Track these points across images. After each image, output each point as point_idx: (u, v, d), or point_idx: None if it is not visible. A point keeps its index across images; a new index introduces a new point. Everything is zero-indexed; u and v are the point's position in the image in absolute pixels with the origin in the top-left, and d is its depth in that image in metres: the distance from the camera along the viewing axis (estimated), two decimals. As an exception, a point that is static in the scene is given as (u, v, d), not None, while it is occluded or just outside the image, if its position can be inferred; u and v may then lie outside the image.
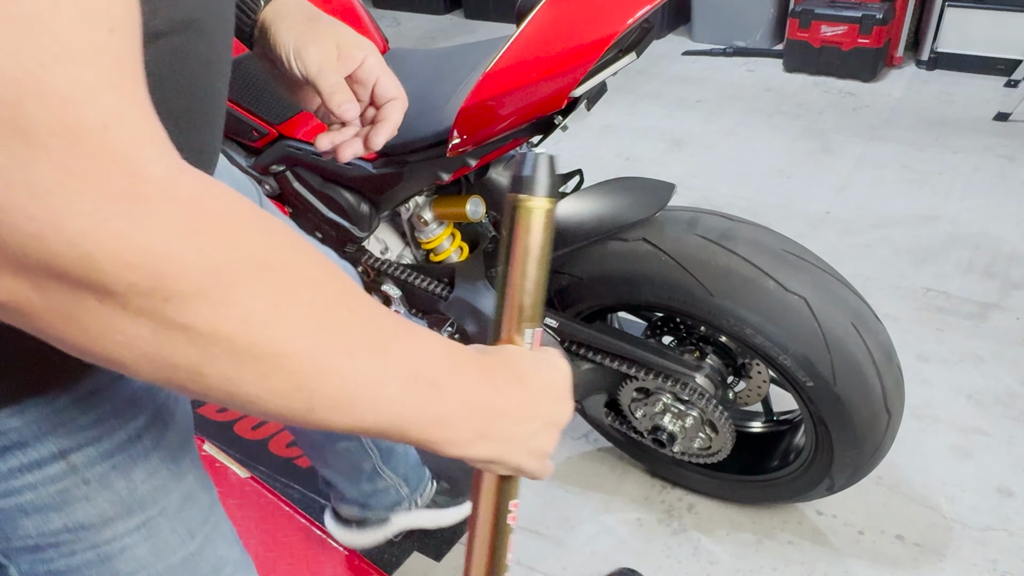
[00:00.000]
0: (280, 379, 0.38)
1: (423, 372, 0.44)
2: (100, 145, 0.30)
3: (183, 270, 0.33)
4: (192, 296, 0.33)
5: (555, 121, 1.23)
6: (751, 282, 1.23)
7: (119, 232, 0.31)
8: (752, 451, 1.57)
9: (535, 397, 0.53)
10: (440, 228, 1.49)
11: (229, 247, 0.35)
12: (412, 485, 1.46)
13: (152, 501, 0.58)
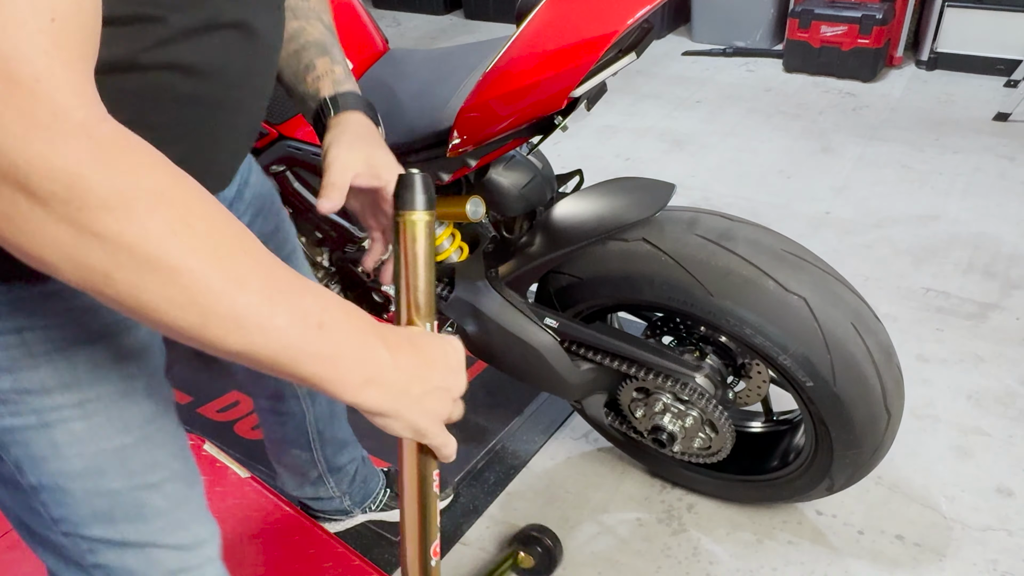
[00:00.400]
0: (176, 291, 0.47)
1: (311, 314, 0.52)
2: (32, 91, 0.42)
3: (91, 187, 0.43)
4: (99, 208, 0.44)
5: (555, 121, 1.23)
6: (751, 282, 1.23)
7: (42, 152, 0.42)
8: (752, 451, 1.57)
9: (428, 362, 0.60)
10: (440, 228, 1.49)
11: (132, 177, 0.45)
12: (356, 498, 1.54)
13: (89, 385, 0.68)
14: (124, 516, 0.76)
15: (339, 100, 0.83)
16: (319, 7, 0.90)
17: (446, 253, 1.51)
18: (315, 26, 0.87)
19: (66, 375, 0.67)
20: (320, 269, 1.70)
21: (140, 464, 0.75)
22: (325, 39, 0.87)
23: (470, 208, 1.39)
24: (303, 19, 0.87)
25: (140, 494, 0.76)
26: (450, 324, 1.51)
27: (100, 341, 0.70)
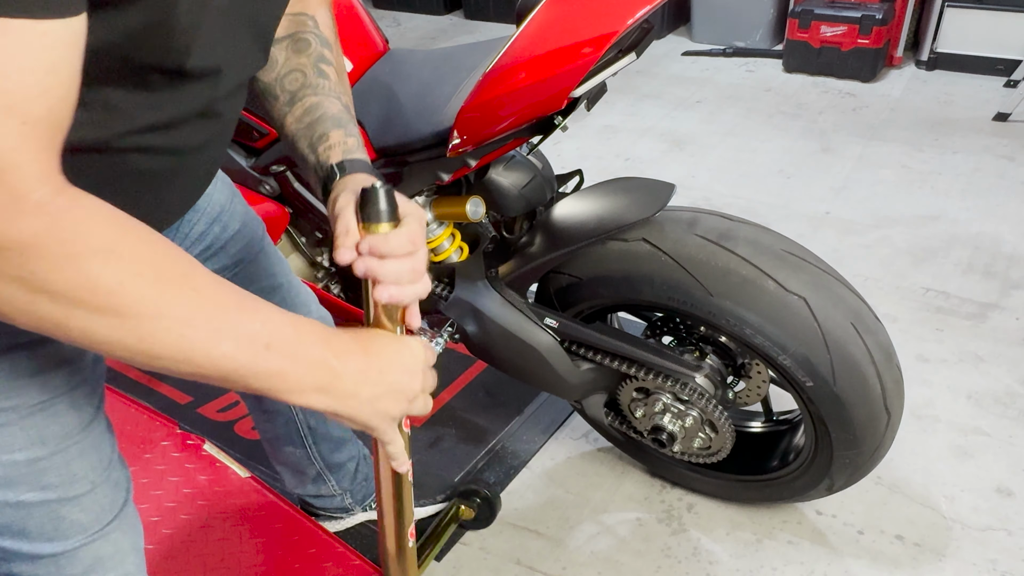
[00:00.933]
0: (126, 332, 0.53)
1: (259, 337, 0.59)
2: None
3: (43, 255, 0.49)
4: (50, 271, 0.50)
5: (555, 121, 1.23)
6: (751, 282, 1.23)
7: (1, 228, 0.48)
8: (752, 451, 1.57)
9: (378, 366, 0.66)
10: (440, 228, 1.49)
11: (83, 240, 0.51)
12: (358, 496, 1.54)
13: (4, 396, 0.69)
14: (39, 531, 0.77)
15: (347, 165, 0.83)
16: (339, 88, 0.89)
17: (446, 253, 1.51)
18: (333, 103, 0.88)
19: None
20: (320, 269, 1.70)
21: (56, 477, 0.75)
22: (342, 115, 0.87)
23: (470, 208, 1.39)
24: (322, 96, 0.87)
25: (57, 508, 0.77)
26: (450, 324, 1.51)
27: (20, 352, 0.69)
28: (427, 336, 1.57)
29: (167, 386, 2.03)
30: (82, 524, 0.80)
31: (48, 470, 0.75)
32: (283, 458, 1.44)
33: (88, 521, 0.80)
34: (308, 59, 0.86)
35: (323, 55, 0.88)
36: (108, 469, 0.82)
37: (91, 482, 0.79)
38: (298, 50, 0.86)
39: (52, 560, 0.80)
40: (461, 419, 1.88)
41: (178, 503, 1.60)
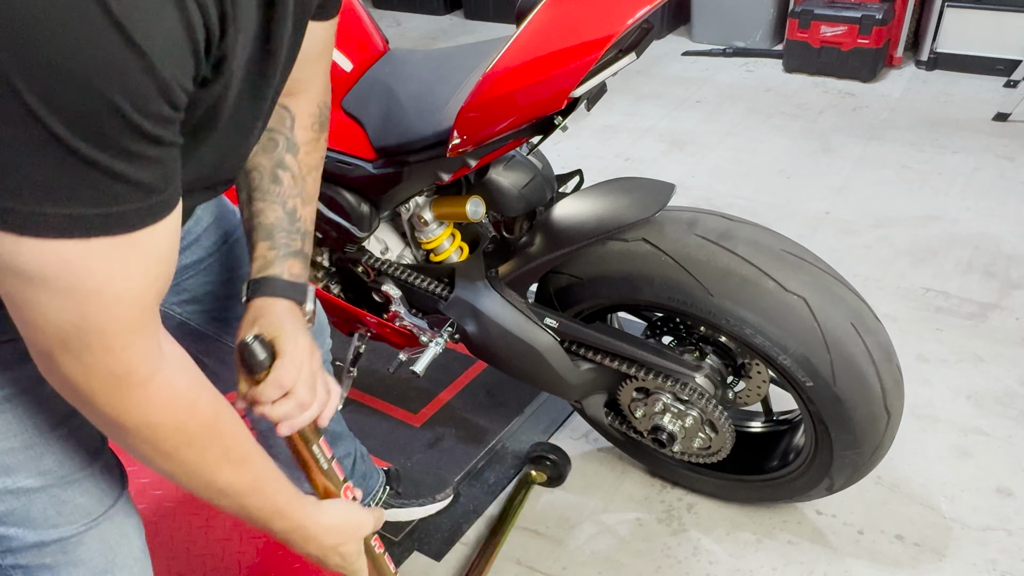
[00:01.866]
0: (186, 480, 0.73)
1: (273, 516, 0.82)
2: (117, 356, 0.61)
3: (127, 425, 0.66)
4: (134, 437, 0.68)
5: (555, 121, 1.23)
6: (751, 282, 1.23)
7: (114, 397, 0.64)
8: (752, 451, 1.57)
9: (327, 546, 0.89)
10: (440, 228, 1.49)
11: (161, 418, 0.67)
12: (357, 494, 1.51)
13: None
14: (43, 517, 0.79)
15: (252, 287, 0.91)
16: (290, 191, 0.95)
17: (446, 253, 1.51)
18: (275, 211, 0.94)
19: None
20: (320, 269, 1.70)
21: (54, 462, 0.78)
22: (277, 224, 0.94)
23: (470, 208, 1.39)
24: (268, 203, 0.94)
25: (58, 492, 0.79)
26: (450, 324, 1.51)
27: (5, 345, 0.72)
28: (427, 336, 1.57)
29: (167, 386, 2.04)
30: (85, 507, 0.81)
31: (44, 455, 0.77)
32: (279, 454, 1.43)
33: (91, 504, 0.82)
34: (269, 161, 0.92)
35: (283, 160, 0.93)
36: (102, 452, 0.84)
37: (88, 464, 0.82)
38: (264, 149, 0.92)
39: (59, 545, 0.80)
40: (461, 419, 1.88)
41: (178, 503, 1.59)
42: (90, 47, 0.48)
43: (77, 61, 0.48)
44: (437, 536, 1.61)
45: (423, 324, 1.58)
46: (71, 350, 0.59)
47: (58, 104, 0.48)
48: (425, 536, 1.61)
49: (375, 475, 1.58)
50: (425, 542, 1.60)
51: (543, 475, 1.69)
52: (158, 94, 0.53)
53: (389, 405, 1.94)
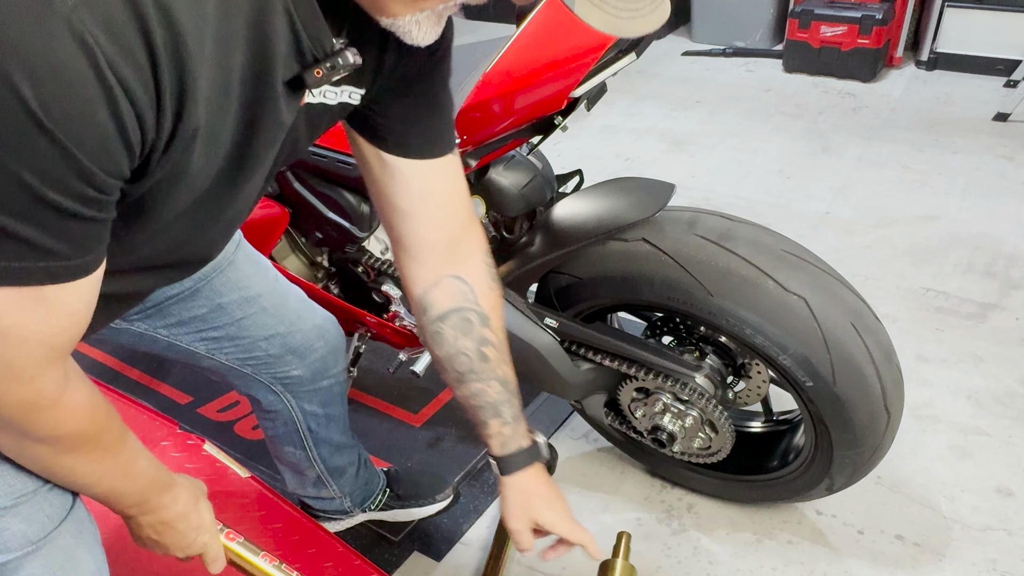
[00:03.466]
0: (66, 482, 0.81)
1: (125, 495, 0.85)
2: (28, 385, 0.66)
3: (39, 432, 0.71)
4: (39, 442, 0.73)
5: (555, 121, 1.23)
6: (751, 282, 1.23)
7: (25, 418, 0.69)
8: (752, 451, 1.57)
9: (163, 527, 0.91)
10: (440, 228, 1.49)
11: (67, 428, 0.73)
12: (357, 499, 1.54)
13: None
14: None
15: (503, 463, 1.05)
16: (498, 361, 1.04)
17: (446, 253, 1.51)
18: (493, 387, 1.03)
19: None
20: (320, 269, 1.70)
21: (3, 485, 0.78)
22: (500, 399, 1.04)
23: (470, 208, 1.38)
24: (484, 382, 1.03)
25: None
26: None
27: None
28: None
29: (167, 386, 2.03)
30: (25, 534, 0.79)
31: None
32: (284, 458, 1.44)
33: (32, 531, 0.80)
34: (472, 343, 1.00)
35: (484, 337, 1.01)
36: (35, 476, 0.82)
37: (31, 491, 0.80)
38: (463, 331, 0.99)
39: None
40: (461, 419, 1.88)
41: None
42: (9, 133, 0.51)
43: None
44: (437, 536, 1.61)
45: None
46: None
47: None
48: (425, 536, 1.61)
49: (376, 479, 1.58)
50: (425, 542, 1.60)
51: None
52: (77, 178, 0.56)
53: (389, 405, 1.94)
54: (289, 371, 1.23)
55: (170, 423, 1.67)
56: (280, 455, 1.45)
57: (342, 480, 1.49)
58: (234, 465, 1.56)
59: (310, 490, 1.50)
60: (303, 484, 1.49)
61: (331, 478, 1.47)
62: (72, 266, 0.61)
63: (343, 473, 1.48)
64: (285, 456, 1.43)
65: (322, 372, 1.27)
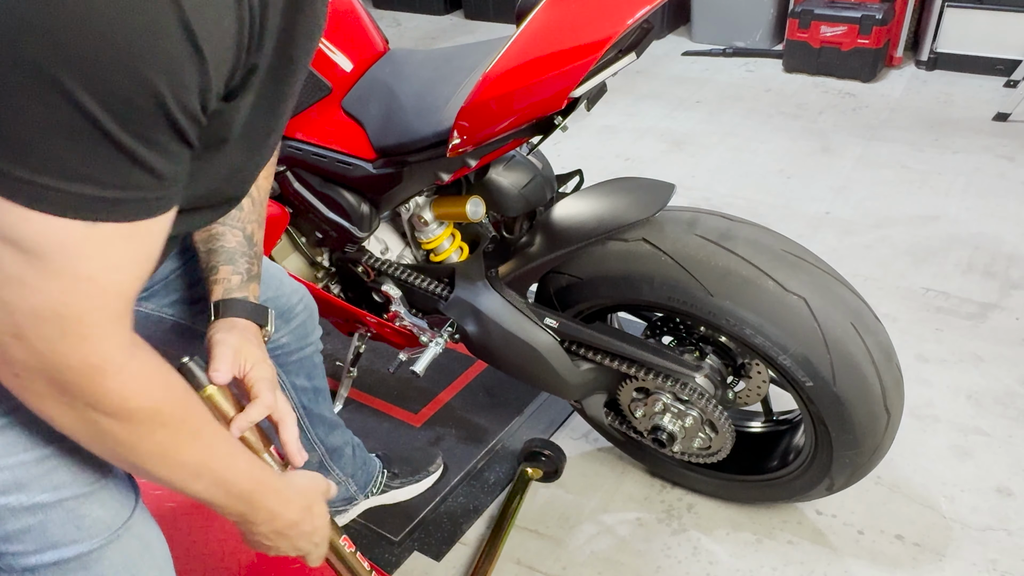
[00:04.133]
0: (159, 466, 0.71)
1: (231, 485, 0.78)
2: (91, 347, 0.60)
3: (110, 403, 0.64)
4: (110, 415, 0.65)
5: (555, 121, 1.23)
6: (751, 282, 1.23)
7: (89, 387, 0.62)
8: (752, 451, 1.57)
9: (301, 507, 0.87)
10: (440, 228, 1.49)
11: (138, 401, 0.66)
12: (360, 482, 1.57)
13: (7, 398, 0.69)
14: (61, 533, 0.76)
15: (221, 307, 0.95)
16: (249, 216, 1.00)
17: (446, 253, 1.51)
18: (235, 235, 0.98)
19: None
20: (320, 269, 1.70)
21: (68, 475, 0.76)
22: (238, 249, 0.98)
23: (470, 208, 1.39)
24: (228, 227, 0.98)
25: (75, 507, 0.77)
26: (450, 324, 1.51)
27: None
28: (427, 336, 1.57)
29: (167, 386, 2.03)
30: (104, 520, 0.79)
31: (58, 468, 0.75)
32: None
33: (109, 517, 0.79)
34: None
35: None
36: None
37: (103, 476, 0.79)
38: None
39: (79, 562, 0.78)
40: (461, 419, 1.88)
41: (178, 503, 1.59)
42: (150, 36, 0.49)
43: (128, 47, 0.48)
44: (437, 536, 1.61)
45: (423, 324, 1.59)
46: (43, 336, 0.57)
47: (97, 86, 0.49)
48: (425, 536, 1.61)
49: (372, 461, 1.61)
50: (425, 542, 1.60)
51: (539, 471, 1.69)
52: (198, 93, 0.54)
53: (389, 405, 1.94)
54: (279, 338, 1.25)
55: (170, 423, 1.67)
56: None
57: (343, 462, 1.50)
58: (234, 465, 1.56)
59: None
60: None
61: (332, 461, 1.48)
62: (165, 197, 0.58)
63: (342, 454, 1.49)
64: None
65: (303, 337, 1.29)
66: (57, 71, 0.48)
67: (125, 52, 0.48)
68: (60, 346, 0.58)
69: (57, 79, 0.48)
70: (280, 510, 0.83)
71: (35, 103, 0.49)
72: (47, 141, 0.50)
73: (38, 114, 0.49)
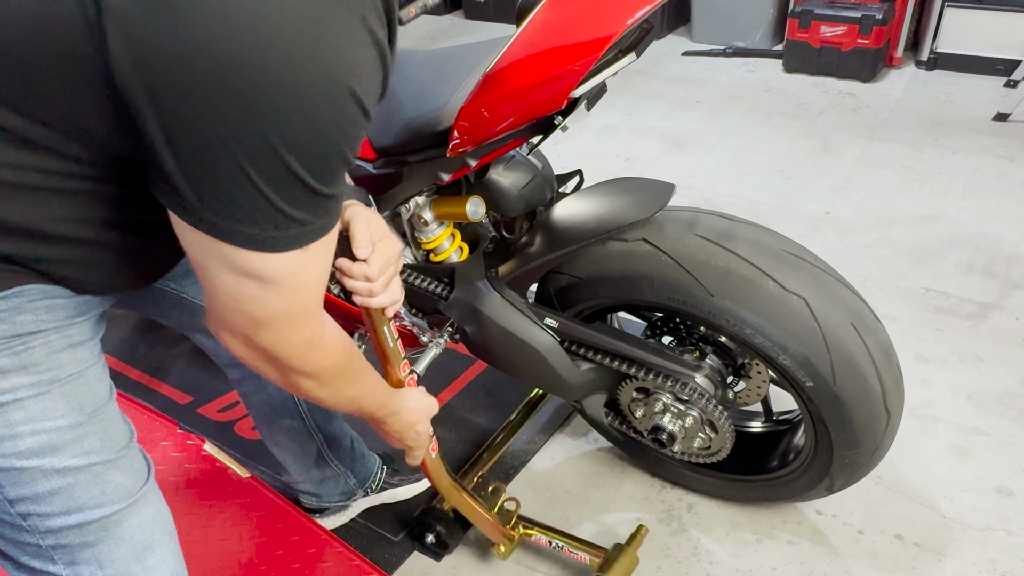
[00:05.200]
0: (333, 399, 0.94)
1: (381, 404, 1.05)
2: (306, 326, 0.80)
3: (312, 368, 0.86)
4: (307, 376, 0.86)
5: (555, 121, 1.23)
6: (751, 282, 1.23)
7: (303, 355, 0.83)
8: (752, 451, 1.57)
9: (409, 423, 1.13)
10: (440, 228, 1.49)
11: (327, 362, 0.87)
12: (360, 477, 1.58)
13: (46, 369, 0.78)
14: (87, 497, 0.82)
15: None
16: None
17: (446, 253, 1.51)
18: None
19: (24, 358, 0.76)
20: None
21: (96, 441, 0.83)
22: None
23: (470, 208, 1.39)
24: None
25: (101, 472, 0.83)
26: (450, 324, 1.51)
27: (53, 332, 0.79)
28: (427, 336, 1.57)
29: (167, 386, 2.03)
30: (125, 487, 0.85)
31: (88, 435, 0.82)
32: (283, 438, 1.45)
33: (129, 484, 0.86)
34: None
35: None
36: (132, 436, 0.90)
37: (125, 446, 0.87)
38: None
39: (100, 524, 0.83)
40: (461, 419, 1.88)
41: (178, 503, 1.59)
42: (345, 125, 0.67)
43: (331, 133, 0.66)
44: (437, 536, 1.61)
45: (423, 324, 1.58)
46: (276, 328, 0.77)
47: (309, 160, 0.66)
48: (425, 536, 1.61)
49: (371, 457, 1.62)
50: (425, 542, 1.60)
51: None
52: (359, 141, 0.71)
53: (389, 405, 1.94)
54: None
55: (170, 423, 1.68)
56: (278, 437, 1.45)
57: (340, 453, 1.51)
58: (234, 465, 1.57)
59: (314, 473, 1.51)
60: (306, 468, 1.50)
61: (331, 452, 1.49)
62: (340, 207, 0.76)
63: (340, 445, 1.51)
64: (283, 434, 1.44)
65: None
66: (284, 155, 0.64)
67: (330, 136, 0.66)
68: (287, 334, 0.78)
69: (286, 161, 0.64)
70: (404, 415, 1.10)
71: (269, 182, 0.65)
72: (273, 202, 0.66)
73: (269, 188, 0.65)
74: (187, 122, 0.61)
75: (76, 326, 0.82)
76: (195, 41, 0.58)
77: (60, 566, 0.83)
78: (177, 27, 0.58)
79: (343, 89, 0.64)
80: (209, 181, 0.64)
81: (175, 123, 0.61)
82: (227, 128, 0.61)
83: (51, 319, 0.78)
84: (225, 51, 0.58)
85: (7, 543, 0.83)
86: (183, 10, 0.58)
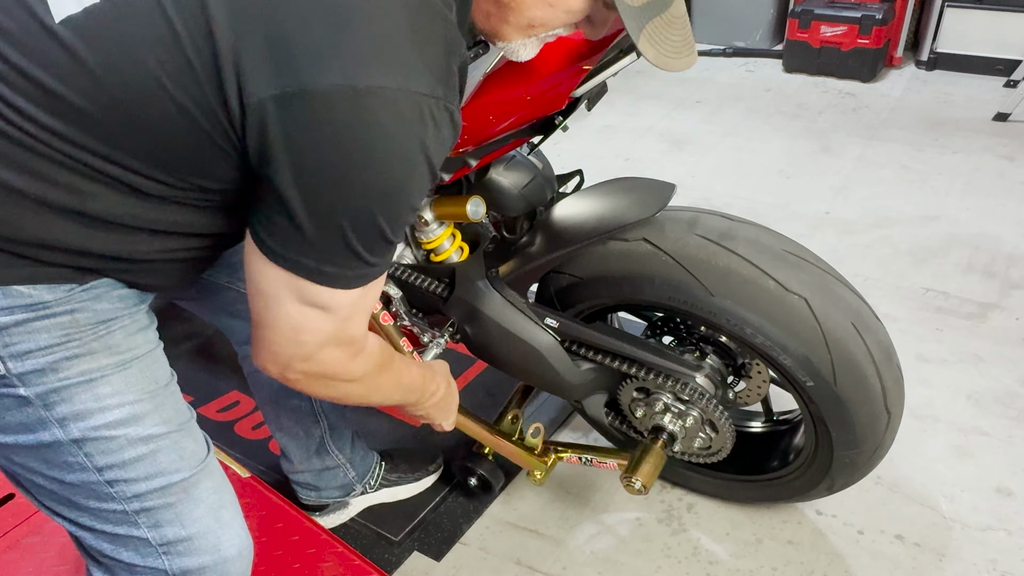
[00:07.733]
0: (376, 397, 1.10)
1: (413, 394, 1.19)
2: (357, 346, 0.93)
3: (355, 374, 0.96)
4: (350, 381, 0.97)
5: (555, 121, 1.23)
6: (751, 282, 1.23)
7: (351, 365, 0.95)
8: (752, 451, 1.57)
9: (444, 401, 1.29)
10: (440, 228, 1.49)
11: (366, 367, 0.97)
12: (359, 471, 1.60)
13: (127, 348, 0.87)
14: (168, 462, 0.90)
15: None
16: None
17: (446, 253, 1.51)
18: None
19: (107, 341, 0.85)
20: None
21: (173, 411, 0.91)
22: None
23: (470, 208, 1.39)
24: None
25: (178, 439, 0.91)
26: (450, 324, 1.51)
27: (127, 316, 0.88)
28: (427, 336, 1.57)
29: (167, 386, 2.04)
30: (197, 452, 0.94)
31: (165, 405, 0.90)
32: (288, 418, 1.47)
33: (199, 449, 0.95)
34: None
35: None
36: (192, 408, 0.97)
37: (190, 417, 0.95)
38: None
39: (181, 486, 0.91)
40: (461, 419, 1.88)
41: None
42: (420, 188, 0.81)
43: (411, 199, 0.81)
44: (437, 536, 1.61)
45: (423, 324, 1.58)
46: (327, 350, 0.88)
47: (393, 218, 0.80)
48: (425, 536, 1.61)
49: (370, 453, 1.63)
50: (425, 542, 1.60)
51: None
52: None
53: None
54: None
55: (170, 423, 1.67)
56: (283, 420, 1.47)
57: (342, 443, 1.53)
58: (234, 465, 1.57)
59: (315, 461, 1.53)
60: (307, 455, 1.52)
61: (333, 441, 1.51)
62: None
63: (342, 435, 1.53)
64: (289, 415, 1.46)
65: None
66: (377, 215, 0.78)
67: (412, 203, 0.82)
68: (336, 355, 0.89)
69: (380, 225, 0.79)
70: (434, 392, 1.22)
71: (362, 239, 0.79)
72: (358, 252, 0.80)
73: (359, 242, 0.79)
74: (319, 193, 0.76)
75: (142, 312, 0.92)
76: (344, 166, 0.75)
77: (144, 529, 0.89)
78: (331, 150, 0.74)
79: (431, 173, 0.81)
80: (313, 233, 0.77)
81: (311, 195, 0.75)
82: (348, 203, 0.77)
83: (124, 307, 0.88)
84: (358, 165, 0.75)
85: (87, 514, 0.88)
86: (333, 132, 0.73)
